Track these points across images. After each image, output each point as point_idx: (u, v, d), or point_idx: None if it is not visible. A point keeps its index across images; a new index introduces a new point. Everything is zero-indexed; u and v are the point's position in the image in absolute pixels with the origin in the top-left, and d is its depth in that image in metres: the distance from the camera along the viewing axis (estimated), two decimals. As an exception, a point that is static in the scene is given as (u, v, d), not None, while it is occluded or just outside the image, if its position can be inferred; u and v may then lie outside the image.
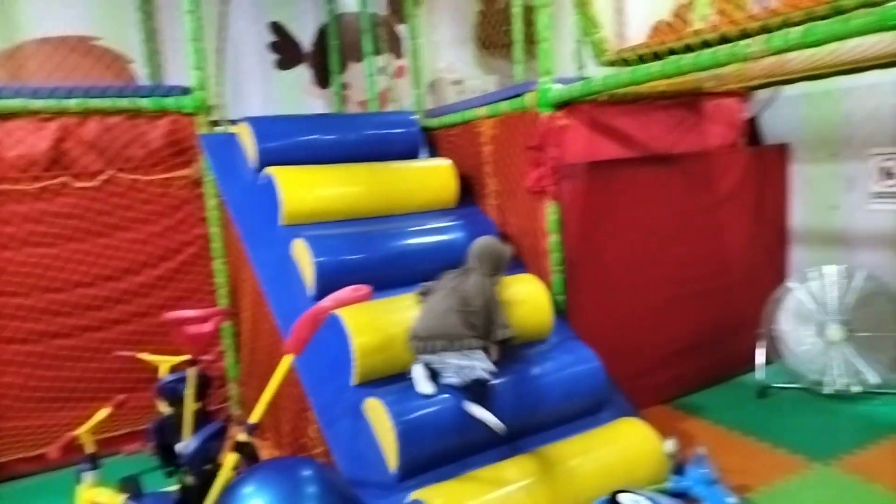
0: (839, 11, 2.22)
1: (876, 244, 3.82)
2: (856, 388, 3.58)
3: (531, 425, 2.75)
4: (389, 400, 2.50)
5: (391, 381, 2.64)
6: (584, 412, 2.90)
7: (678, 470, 2.67)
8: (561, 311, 3.32)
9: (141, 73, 4.51)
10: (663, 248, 3.71)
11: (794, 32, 2.21)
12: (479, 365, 2.54)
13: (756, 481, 2.83)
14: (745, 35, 2.51)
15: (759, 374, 3.79)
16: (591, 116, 3.51)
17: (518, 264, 3.50)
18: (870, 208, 3.84)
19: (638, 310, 3.65)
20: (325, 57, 5.03)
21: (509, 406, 2.67)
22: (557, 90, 3.23)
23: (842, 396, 3.59)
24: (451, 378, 2.55)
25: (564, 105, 3.28)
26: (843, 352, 3.64)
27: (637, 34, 3.93)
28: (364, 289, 2.34)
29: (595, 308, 3.46)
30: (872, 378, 3.59)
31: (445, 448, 2.54)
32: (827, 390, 3.62)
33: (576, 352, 2.99)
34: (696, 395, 3.84)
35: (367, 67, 4.80)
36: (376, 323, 2.70)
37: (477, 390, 2.53)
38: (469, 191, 3.89)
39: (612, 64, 3.75)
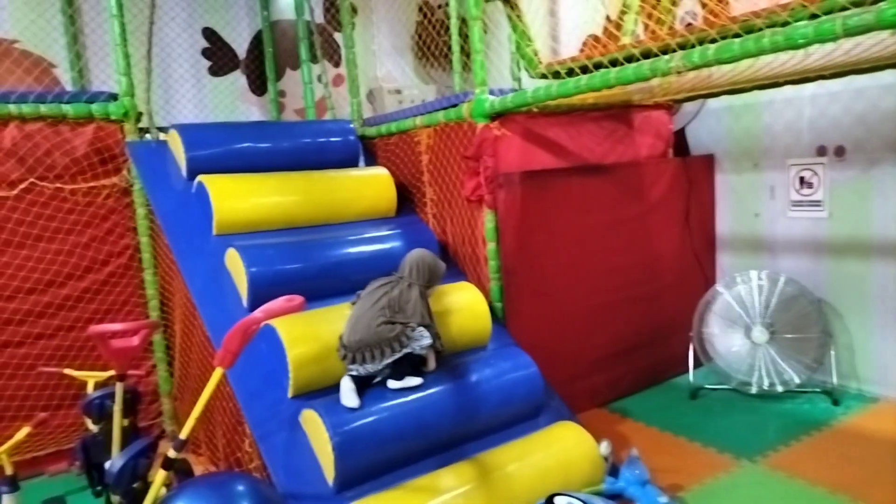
0: (751, 30, 2.35)
1: (796, 249, 4.03)
2: (780, 388, 3.76)
3: (470, 432, 2.76)
4: (326, 411, 2.47)
5: (328, 392, 2.60)
6: (522, 418, 2.93)
7: (613, 472, 2.73)
8: (499, 318, 3.36)
9: (65, 78, 4.33)
10: (597, 255, 3.80)
11: (711, 49, 2.32)
12: (415, 345, 2.59)
13: (688, 480, 2.92)
14: (668, 51, 2.62)
15: (690, 376, 3.93)
16: (525, 127, 3.58)
17: (457, 272, 3.53)
18: (789, 216, 4.05)
19: (573, 316, 3.73)
20: (261, 64, 4.95)
21: (448, 414, 2.68)
22: (492, 101, 3.28)
23: (767, 396, 3.76)
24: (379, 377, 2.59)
25: (499, 116, 3.33)
26: (767, 353, 3.81)
27: (569, 48, 4.06)
28: (297, 299, 2.31)
29: (532, 315, 3.52)
30: (795, 378, 3.77)
31: (384, 458, 2.52)
32: (753, 390, 3.78)
33: (513, 358, 3.02)
34: (631, 398, 3.94)
35: (304, 75, 4.76)
36: (312, 333, 2.67)
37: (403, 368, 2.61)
38: (408, 200, 3.90)
39: (544, 76, 3.85)
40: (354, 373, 2.59)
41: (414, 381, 2.65)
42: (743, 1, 2.79)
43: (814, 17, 2.25)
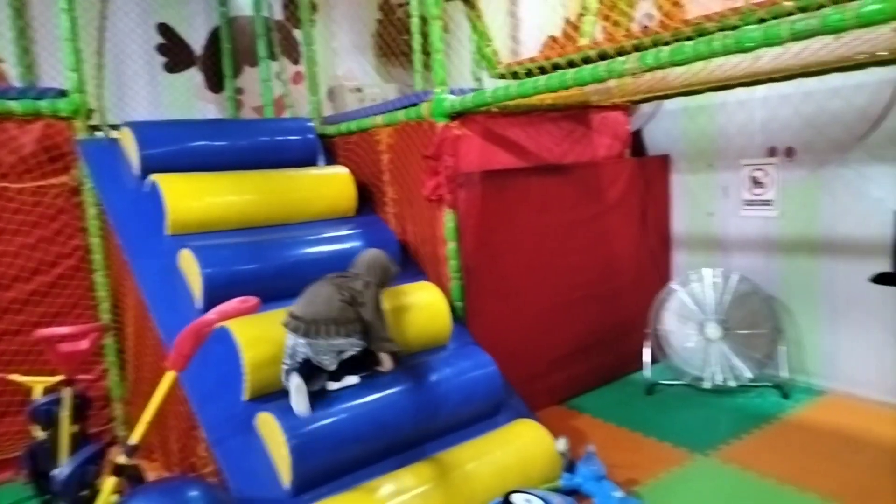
0: (704, 33, 2.41)
1: (748, 247, 4.13)
2: (732, 383, 3.85)
3: (429, 432, 2.76)
4: (282, 414, 2.44)
5: (284, 394, 2.57)
6: (481, 416, 2.94)
7: (570, 468, 2.76)
8: (459, 318, 3.37)
9: (12, 73, 4.18)
10: (556, 254, 3.84)
11: (665, 51, 2.36)
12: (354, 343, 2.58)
13: (643, 474, 2.97)
14: (624, 52, 2.66)
15: (647, 372, 4.00)
16: (485, 127, 3.59)
17: (417, 272, 3.53)
18: (742, 215, 4.15)
19: (533, 314, 3.76)
20: (218, 61, 4.86)
21: (407, 414, 2.68)
22: (451, 101, 3.29)
23: (720, 391, 3.85)
24: (325, 358, 2.55)
25: (459, 115, 3.34)
26: (721, 349, 3.91)
27: (529, 49, 4.10)
28: (251, 300, 2.27)
29: (492, 314, 3.54)
30: (747, 373, 3.87)
31: (342, 460, 2.51)
32: (707, 385, 3.87)
33: (473, 357, 3.04)
34: (589, 395, 4.00)
35: (263, 72, 4.69)
36: (268, 335, 2.63)
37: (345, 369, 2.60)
38: (368, 199, 3.88)
39: (503, 77, 3.88)
40: (303, 351, 2.52)
41: (351, 379, 2.66)
42: (697, 4, 2.85)
43: (763, 21, 2.32)
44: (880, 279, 3.55)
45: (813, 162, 3.76)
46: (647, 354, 4.04)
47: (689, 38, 2.37)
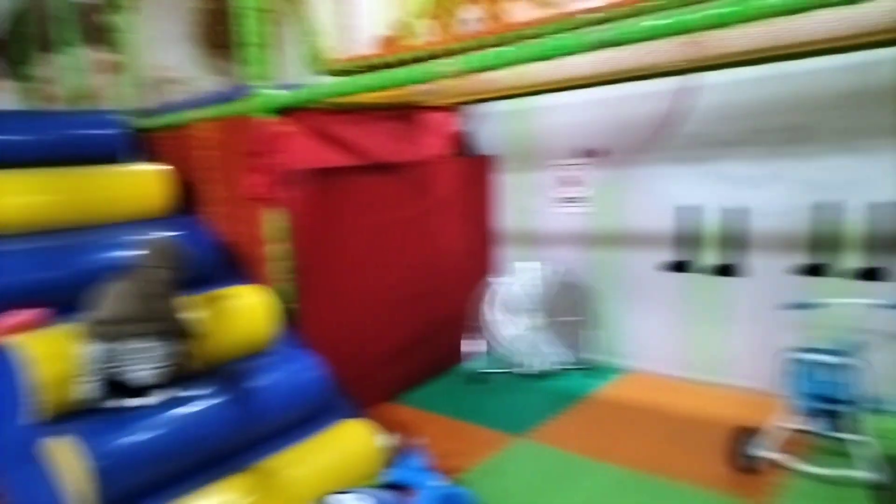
0: (523, 38, 2.57)
1: (566, 241, 4.46)
2: (553, 368, 4.16)
3: (251, 440, 2.69)
4: (81, 436, 2.24)
5: (82, 415, 2.36)
6: (307, 420, 2.90)
7: (396, 462, 2.83)
8: (290, 320, 3.30)
9: None
10: (387, 252, 3.90)
11: (473, 57, 2.50)
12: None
13: (468, 461, 3.12)
14: (453, 54, 2.74)
15: (474, 363, 4.20)
16: (314, 124, 3.54)
17: (243, 275, 3.41)
18: (560, 211, 4.47)
19: (366, 313, 3.79)
20: (19, 45, 4.34)
21: (226, 424, 2.58)
22: (274, 96, 3.21)
23: (542, 376, 4.14)
24: (139, 371, 2.37)
25: (285, 111, 3.27)
26: (542, 336, 4.20)
27: (361, 46, 4.09)
28: (38, 313, 2.07)
29: (324, 314, 3.51)
30: (564, 357, 4.20)
31: (153, 478, 2.36)
32: (530, 372, 4.15)
33: (299, 360, 2.99)
34: (422, 389, 4.11)
35: (69, 60, 4.27)
36: (63, 350, 2.40)
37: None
38: (191, 198, 3.68)
39: (331, 73, 3.84)
40: (106, 361, 2.33)
41: (155, 397, 2.45)
42: (520, 11, 2.99)
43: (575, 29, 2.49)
44: (666, 267, 4.02)
45: (620, 161, 4.13)
46: (473, 346, 4.24)
47: (506, 43, 2.52)
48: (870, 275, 3.31)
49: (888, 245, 3.26)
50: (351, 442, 2.82)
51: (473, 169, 4.57)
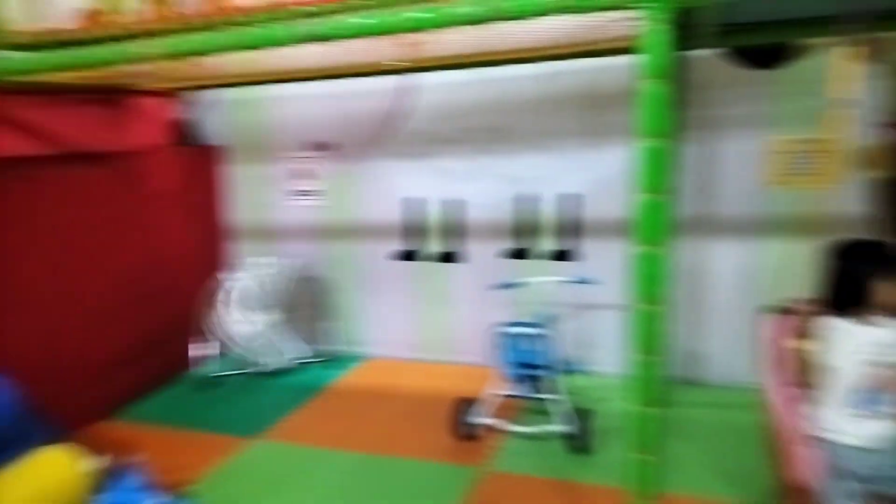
0: (233, 24, 2.43)
1: (302, 235, 4.42)
2: (291, 363, 4.12)
3: None
4: None
5: None
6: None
7: (109, 486, 2.55)
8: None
9: None
10: (93, 253, 3.47)
11: (179, 40, 2.34)
12: None
13: (194, 472, 2.94)
14: (155, 34, 2.50)
15: (205, 367, 3.98)
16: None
17: None
18: (294, 204, 4.42)
19: (68, 323, 3.33)
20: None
21: None
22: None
23: (281, 373, 4.08)
24: None
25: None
26: (278, 333, 4.12)
27: (57, 19, 3.55)
28: None
29: (12, 328, 3.01)
30: (303, 352, 4.19)
31: None
32: (268, 369, 4.05)
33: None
34: (146, 401, 3.78)
35: None
36: None
37: None
38: None
39: (14, 48, 3.29)
40: None
41: None
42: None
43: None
44: (396, 256, 4.24)
45: (351, 156, 4.20)
46: (205, 349, 4.00)
47: (221, 28, 2.38)
48: (560, 256, 3.86)
49: (572, 230, 3.83)
50: (48, 472, 2.45)
51: (198, 160, 4.29)
